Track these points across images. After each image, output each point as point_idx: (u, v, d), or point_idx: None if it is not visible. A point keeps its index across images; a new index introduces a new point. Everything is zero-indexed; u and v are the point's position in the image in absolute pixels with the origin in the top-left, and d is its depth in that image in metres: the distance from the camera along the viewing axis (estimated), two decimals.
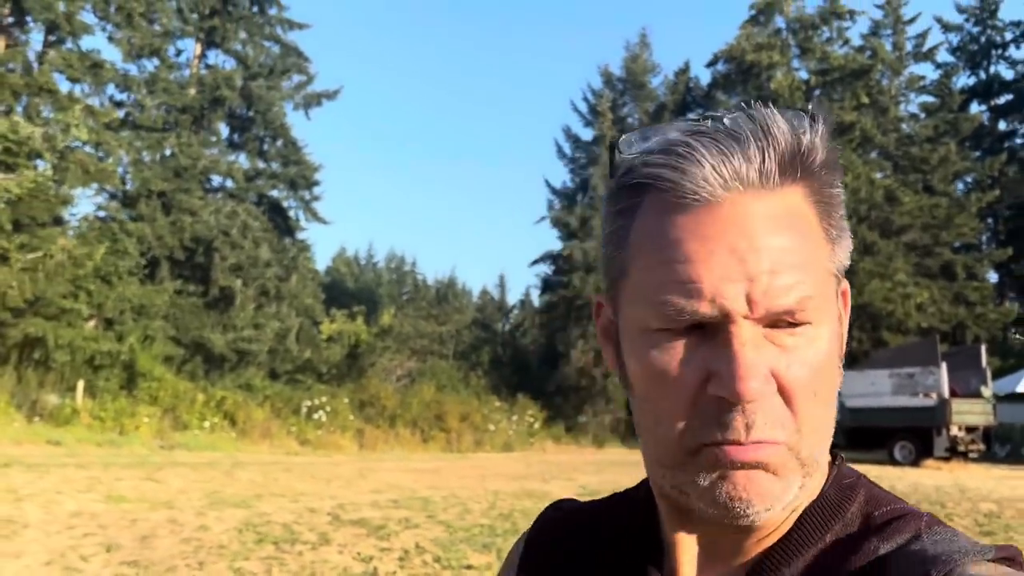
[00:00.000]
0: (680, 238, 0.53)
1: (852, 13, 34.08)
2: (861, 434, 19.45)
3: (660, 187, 0.54)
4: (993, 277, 35.31)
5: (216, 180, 29.82)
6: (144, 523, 7.50)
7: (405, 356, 32.86)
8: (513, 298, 54.63)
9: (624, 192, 0.57)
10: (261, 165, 30.29)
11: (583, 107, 36.49)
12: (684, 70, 36.94)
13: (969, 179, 36.54)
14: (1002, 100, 38.98)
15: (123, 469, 11.37)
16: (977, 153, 37.07)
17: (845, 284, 0.60)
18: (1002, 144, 37.89)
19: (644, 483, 0.66)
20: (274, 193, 30.56)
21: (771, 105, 0.54)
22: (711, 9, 77.29)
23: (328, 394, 25.51)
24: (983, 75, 39.83)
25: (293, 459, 15.73)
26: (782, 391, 0.54)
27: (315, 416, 23.84)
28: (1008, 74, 39.25)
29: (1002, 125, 39.07)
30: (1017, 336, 31.72)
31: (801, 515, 0.58)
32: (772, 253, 0.52)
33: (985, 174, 35.61)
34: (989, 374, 20.47)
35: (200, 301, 26.48)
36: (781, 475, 0.54)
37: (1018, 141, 38.35)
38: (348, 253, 58.95)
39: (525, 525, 8.41)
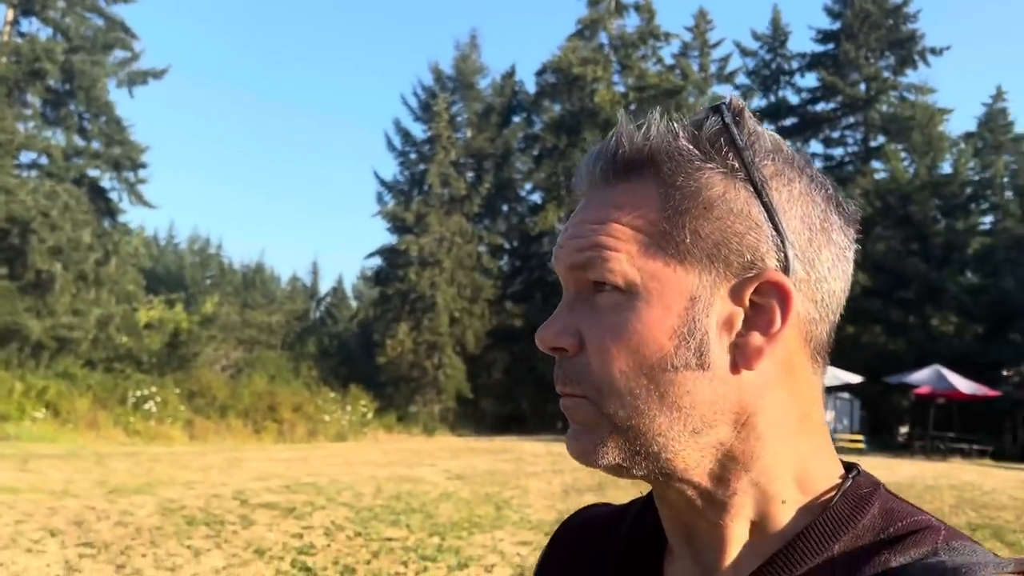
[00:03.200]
0: None
1: (667, 35, 37.02)
2: None
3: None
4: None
5: (28, 157, 28.12)
6: (64, 511, 7.75)
7: (231, 346, 32.38)
8: (325, 286, 54.37)
9: None
10: (81, 143, 28.81)
11: (413, 102, 37.25)
12: (511, 73, 38.51)
13: None
14: (788, 122, 43.60)
15: None
16: None
17: (768, 276, 0.58)
18: None
19: None
20: (94, 173, 29.16)
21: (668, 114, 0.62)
22: (538, 12, 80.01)
23: (155, 384, 24.90)
24: (773, 98, 44.34)
25: (152, 450, 15.63)
26: (586, 349, 0.60)
27: (145, 407, 23.27)
28: (794, 99, 43.94)
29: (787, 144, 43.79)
30: None
31: (807, 526, 0.59)
32: (577, 227, 0.62)
33: None
34: None
35: (13, 285, 24.96)
36: (589, 428, 0.60)
37: None
38: (146, 233, 55.83)
39: (416, 504, 9.45)
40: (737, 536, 0.61)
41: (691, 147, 0.60)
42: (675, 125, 0.61)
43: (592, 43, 35.89)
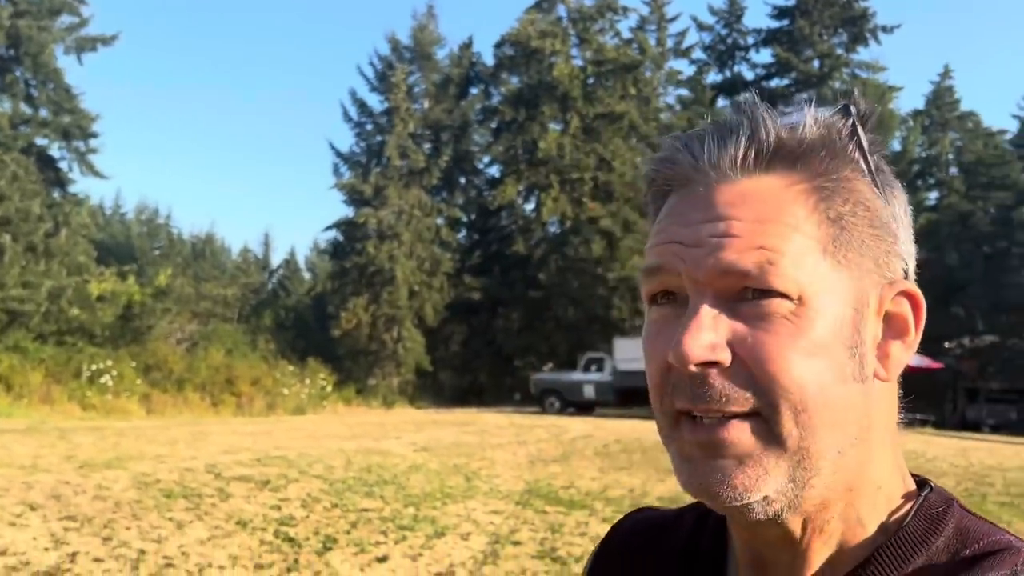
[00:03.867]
0: (661, 222, 0.58)
1: (625, 9, 37.17)
2: (631, 393, 22.07)
3: (655, 180, 0.60)
4: None
5: None
6: (40, 485, 7.77)
7: (185, 319, 32.06)
8: (277, 258, 53.86)
9: (647, 192, 0.62)
10: (28, 111, 28.11)
11: (370, 72, 36.92)
12: (468, 44, 38.33)
13: None
14: (742, 98, 44.12)
15: None
16: None
17: (905, 285, 0.58)
18: None
19: None
20: (43, 142, 28.51)
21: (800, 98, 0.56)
22: None
23: (111, 358, 24.63)
24: (728, 74, 44.81)
25: (114, 424, 15.55)
26: (744, 362, 0.53)
27: (100, 380, 23.03)
28: (749, 75, 44.47)
29: None
30: None
31: (878, 547, 0.56)
32: (726, 224, 0.54)
33: None
34: None
35: None
36: (749, 457, 0.53)
37: None
38: (93, 202, 54.27)
39: (388, 476, 9.68)
40: (817, 561, 0.58)
41: (840, 143, 0.57)
42: (822, 115, 0.58)
43: (550, 16, 35.89)
